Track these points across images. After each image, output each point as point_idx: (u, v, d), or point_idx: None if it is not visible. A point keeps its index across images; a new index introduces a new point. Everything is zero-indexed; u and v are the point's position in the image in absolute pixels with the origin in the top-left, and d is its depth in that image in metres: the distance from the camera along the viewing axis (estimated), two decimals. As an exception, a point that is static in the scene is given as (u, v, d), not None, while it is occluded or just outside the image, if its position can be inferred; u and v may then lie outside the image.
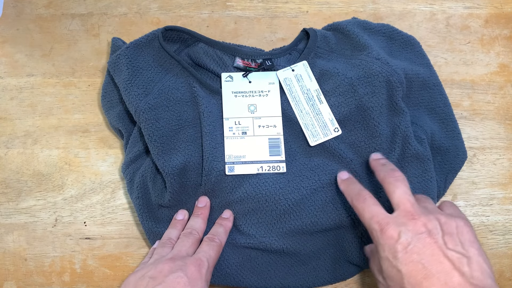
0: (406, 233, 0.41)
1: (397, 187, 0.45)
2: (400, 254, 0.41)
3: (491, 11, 0.66)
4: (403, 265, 0.40)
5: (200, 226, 0.51)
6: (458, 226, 0.42)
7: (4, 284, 0.55)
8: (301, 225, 0.52)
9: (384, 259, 0.42)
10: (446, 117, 0.57)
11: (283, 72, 0.57)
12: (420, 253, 0.40)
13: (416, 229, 0.42)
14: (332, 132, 0.55)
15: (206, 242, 0.49)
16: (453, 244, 0.41)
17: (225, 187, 0.53)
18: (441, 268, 0.39)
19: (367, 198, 0.46)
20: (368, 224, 0.45)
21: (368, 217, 0.45)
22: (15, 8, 0.65)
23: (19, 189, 0.58)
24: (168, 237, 0.51)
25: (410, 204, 0.44)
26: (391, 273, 0.41)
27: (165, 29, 0.57)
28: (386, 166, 0.49)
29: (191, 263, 0.45)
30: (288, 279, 0.53)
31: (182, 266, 0.45)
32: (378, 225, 0.43)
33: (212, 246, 0.49)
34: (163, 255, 0.47)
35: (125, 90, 0.54)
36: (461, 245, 0.41)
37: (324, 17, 0.65)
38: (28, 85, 0.61)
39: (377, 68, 0.54)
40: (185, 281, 0.43)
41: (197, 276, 0.45)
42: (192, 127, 0.54)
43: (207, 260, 0.47)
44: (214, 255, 0.48)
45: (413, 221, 0.42)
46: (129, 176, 0.55)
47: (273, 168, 0.54)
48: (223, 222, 0.52)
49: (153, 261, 0.46)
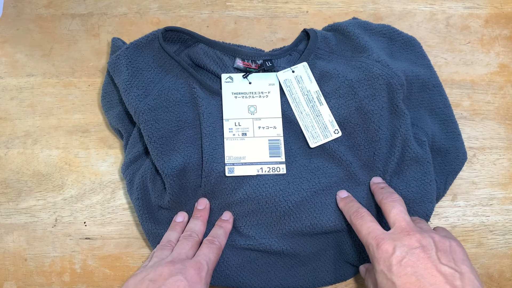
0: (401, 248, 0.43)
1: (394, 207, 0.48)
2: (395, 268, 0.42)
3: (491, 11, 0.66)
4: (397, 277, 0.42)
5: (200, 229, 0.52)
6: (452, 245, 0.44)
7: (4, 284, 0.55)
8: (301, 227, 0.52)
9: (379, 273, 0.44)
10: (447, 118, 0.57)
11: (283, 73, 0.57)
12: (414, 266, 0.42)
13: (411, 244, 0.43)
14: (332, 134, 0.55)
15: (205, 245, 0.49)
16: (446, 260, 0.42)
17: (224, 189, 0.53)
18: (434, 281, 0.41)
19: (364, 215, 0.48)
20: (365, 240, 0.46)
21: (365, 233, 0.46)
22: (15, 8, 0.65)
23: (19, 189, 0.58)
24: (167, 239, 0.51)
25: (406, 222, 0.46)
26: (386, 285, 0.43)
27: (165, 29, 0.57)
28: (384, 189, 0.51)
29: (191, 266, 0.46)
30: (288, 280, 0.53)
31: (182, 269, 0.45)
32: (375, 240, 0.45)
33: (212, 248, 0.49)
34: (163, 258, 0.47)
35: (125, 91, 0.54)
36: (454, 261, 0.42)
37: (324, 17, 0.65)
38: (28, 85, 0.61)
39: (377, 70, 0.54)
40: (184, 284, 0.43)
41: (196, 279, 0.45)
42: (192, 128, 0.54)
43: (206, 263, 0.47)
44: (214, 257, 0.48)
45: (408, 236, 0.44)
46: (129, 177, 0.55)
47: (273, 169, 0.54)
48: (223, 224, 0.52)
49: (153, 264, 0.46)
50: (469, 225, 0.57)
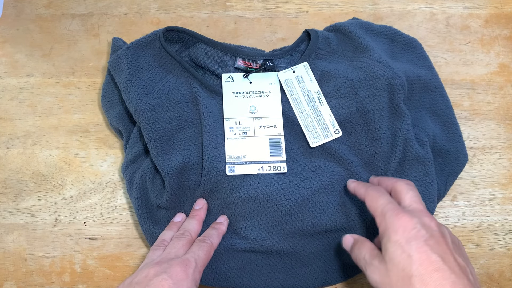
0: (421, 224, 0.42)
1: (412, 190, 0.47)
2: (415, 242, 0.41)
3: (491, 11, 0.66)
4: (416, 252, 0.40)
5: (194, 228, 0.51)
6: (460, 242, 0.45)
7: (4, 284, 0.55)
8: (302, 226, 0.52)
9: (394, 243, 0.42)
10: (448, 120, 0.57)
11: (284, 73, 0.57)
12: (433, 247, 0.41)
13: (431, 226, 0.42)
14: (333, 133, 0.55)
15: (196, 243, 0.49)
16: (459, 253, 0.42)
17: (224, 188, 0.53)
18: (452, 267, 0.40)
19: (382, 189, 0.47)
20: (381, 209, 0.45)
21: (383, 202, 0.45)
22: (15, 8, 0.65)
23: (19, 189, 0.58)
24: (162, 239, 0.50)
25: (423, 206, 0.45)
26: (399, 257, 0.41)
27: (166, 29, 0.57)
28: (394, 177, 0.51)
29: (177, 264, 0.45)
30: (289, 281, 0.53)
31: (167, 268, 0.44)
32: (394, 211, 0.43)
33: (202, 246, 0.48)
34: (153, 259, 0.47)
35: (125, 89, 0.54)
36: (463, 257, 0.42)
37: (324, 17, 0.65)
38: (28, 85, 0.61)
39: (378, 70, 0.54)
40: (169, 283, 0.43)
41: (182, 276, 0.44)
42: (192, 127, 0.54)
43: (195, 260, 0.46)
44: (204, 255, 0.47)
45: (428, 218, 0.43)
46: (128, 176, 0.55)
47: (274, 168, 0.54)
48: (217, 225, 0.52)
49: (142, 266, 0.46)
50: (469, 225, 0.57)
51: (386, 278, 0.41)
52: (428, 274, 0.39)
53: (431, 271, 0.39)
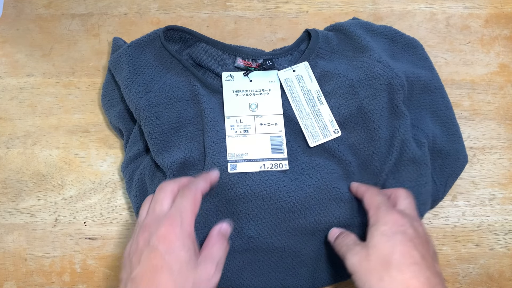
0: (411, 224, 0.44)
1: (410, 197, 0.49)
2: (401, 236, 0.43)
3: (491, 11, 0.66)
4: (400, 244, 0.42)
5: (184, 179, 0.48)
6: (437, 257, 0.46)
7: (4, 284, 0.55)
8: (305, 224, 0.52)
9: (381, 232, 0.44)
10: (448, 121, 0.57)
11: (284, 72, 0.57)
12: (417, 246, 0.42)
13: (419, 229, 0.45)
14: (332, 133, 0.55)
15: (179, 194, 0.45)
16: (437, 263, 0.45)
17: (226, 183, 0.53)
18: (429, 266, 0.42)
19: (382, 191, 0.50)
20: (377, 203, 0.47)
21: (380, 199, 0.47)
22: (15, 8, 0.65)
23: (19, 189, 0.58)
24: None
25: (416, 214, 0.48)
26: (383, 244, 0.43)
27: (166, 28, 0.58)
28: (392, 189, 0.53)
29: (163, 224, 0.42)
30: (289, 281, 0.53)
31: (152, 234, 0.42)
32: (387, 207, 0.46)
33: (185, 195, 0.45)
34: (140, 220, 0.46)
35: (126, 87, 0.54)
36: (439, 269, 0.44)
37: (324, 17, 0.65)
38: (28, 85, 0.61)
39: (378, 70, 0.54)
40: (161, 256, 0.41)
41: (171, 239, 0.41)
42: (193, 125, 0.54)
43: (180, 215, 0.43)
44: (189, 205, 0.44)
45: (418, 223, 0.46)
46: (128, 174, 0.55)
47: (276, 165, 0.54)
48: (205, 174, 0.50)
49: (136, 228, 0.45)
50: (469, 225, 0.57)
51: (365, 262, 0.43)
52: (407, 265, 0.41)
53: (410, 263, 0.41)
